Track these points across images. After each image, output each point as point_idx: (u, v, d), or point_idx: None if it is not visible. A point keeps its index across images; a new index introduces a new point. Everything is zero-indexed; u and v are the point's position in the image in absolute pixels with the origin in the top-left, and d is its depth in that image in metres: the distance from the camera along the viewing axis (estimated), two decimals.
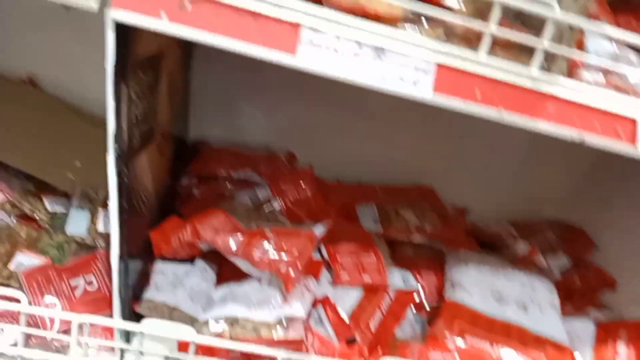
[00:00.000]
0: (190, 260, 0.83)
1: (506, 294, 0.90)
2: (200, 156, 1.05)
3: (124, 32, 0.56)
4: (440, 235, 1.06)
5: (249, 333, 0.69)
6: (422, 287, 0.96)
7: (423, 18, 0.62)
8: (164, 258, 0.81)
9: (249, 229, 0.81)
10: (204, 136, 1.16)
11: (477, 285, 0.90)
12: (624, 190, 1.24)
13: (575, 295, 1.11)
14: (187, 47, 0.99)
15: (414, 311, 0.93)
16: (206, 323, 0.71)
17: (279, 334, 0.69)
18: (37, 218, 0.83)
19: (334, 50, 0.56)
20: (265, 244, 0.75)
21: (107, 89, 0.55)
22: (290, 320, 0.71)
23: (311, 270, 0.84)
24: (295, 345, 0.69)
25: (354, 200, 1.10)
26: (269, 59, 0.56)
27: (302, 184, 0.99)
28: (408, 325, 0.90)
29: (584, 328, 0.93)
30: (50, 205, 0.86)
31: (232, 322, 0.71)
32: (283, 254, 0.75)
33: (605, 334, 0.90)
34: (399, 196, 1.14)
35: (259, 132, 1.19)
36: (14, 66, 1.07)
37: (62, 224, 0.82)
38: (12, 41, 1.07)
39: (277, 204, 0.96)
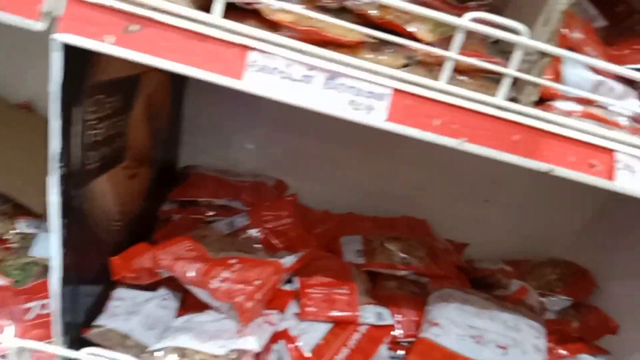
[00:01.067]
0: (155, 287, 0.81)
1: (487, 334, 0.86)
2: (185, 182, 1.04)
3: (79, 54, 0.56)
4: (427, 270, 1.02)
5: None
6: (400, 323, 0.91)
7: (385, 45, 0.61)
8: (127, 284, 0.79)
9: (215, 257, 0.79)
10: (195, 164, 1.16)
11: (455, 324, 0.86)
12: (631, 233, 1.19)
13: (572, 339, 1.06)
14: (175, 74, 0.99)
15: (389, 349, 0.89)
16: (153, 353, 0.68)
17: None
18: (7, 239, 0.83)
19: (283, 74, 0.55)
20: (225, 273, 0.73)
21: (50, 110, 0.55)
22: (242, 353, 0.68)
23: (277, 302, 0.81)
24: None
25: (340, 230, 1.07)
26: (215, 82, 0.55)
27: (283, 213, 0.97)
28: None
29: None
30: (25, 227, 0.86)
31: (181, 353, 0.68)
32: (242, 284, 0.72)
33: None
34: (388, 228, 1.11)
35: (251, 162, 1.19)
36: (13, 92, 1.10)
37: (28, 246, 0.82)
38: (12, 68, 1.10)
39: (255, 233, 0.94)
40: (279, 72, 0.55)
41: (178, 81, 1.02)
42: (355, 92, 0.56)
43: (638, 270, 1.14)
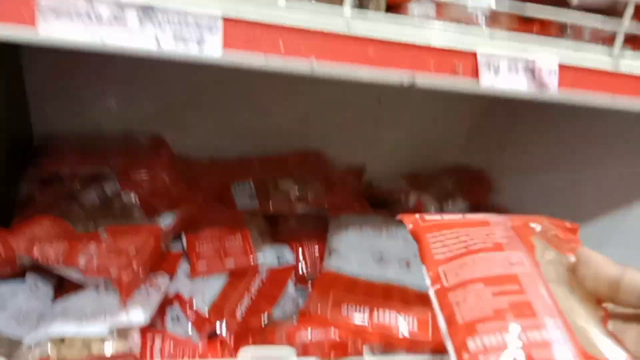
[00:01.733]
0: (23, 276, 0.73)
1: (387, 253, 0.85)
2: (42, 157, 0.93)
3: None
4: (324, 203, 1.00)
5: (78, 352, 0.61)
6: (304, 259, 0.89)
7: None
8: None
9: (85, 232, 0.72)
10: (52, 134, 1.03)
11: (355, 249, 0.85)
12: (517, 128, 1.22)
13: None
14: None
15: (297, 286, 0.87)
16: (29, 348, 0.62)
17: (111, 347, 0.61)
18: None
19: (87, 16, 0.47)
20: (92, 247, 0.66)
21: None
22: (126, 329, 0.63)
23: (164, 265, 0.75)
24: (129, 356, 0.61)
25: (229, 178, 1.01)
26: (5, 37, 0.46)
27: (158, 171, 0.89)
28: (290, 303, 0.83)
29: None
30: None
31: (59, 341, 0.62)
32: (115, 255, 0.66)
33: None
34: (279, 167, 1.07)
35: (116, 121, 1.08)
36: None
37: None
38: None
39: (130, 198, 0.86)
40: (82, 14, 0.47)
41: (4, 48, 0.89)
42: (178, 26, 0.49)
43: (527, 164, 1.18)
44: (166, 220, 0.75)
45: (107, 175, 0.88)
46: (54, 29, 0.46)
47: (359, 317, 0.72)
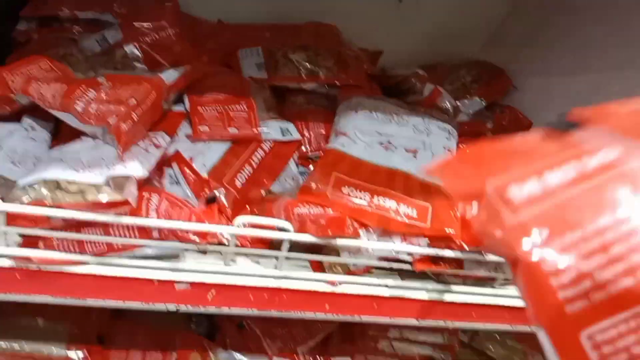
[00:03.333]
0: (18, 118, 0.70)
1: (396, 140, 0.82)
2: None
3: None
4: (336, 80, 0.95)
5: (72, 197, 0.59)
6: (308, 137, 0.86)
7: None
8: None
9: (83, 78, 0.67)
10: None
11: (363, 132, 0.81)
12: (545, 28, 1.14)
13: (485, 138, 1.05)
14: None
15: (299, 165, 0.85)
16: (24, 189, 0.60)
17: (107, 196, 0.59)
18: None
19: None
20: (92, 93, 0.62)
21: None
22: (123, 180, 0.61)
23: (165, 124, 0.72)
24: (123, 207, 0.59)
25: (237, 43, 0.95)
26: None
27: (163, 24, 0.83)
28: (291, 180, 0.81)
29: None
30: None
31: (55, 186, 0.60)
32: (115, 104, 0.62)
33: None
34: (291, 37, 0.99)
35: None
36: None
37: None
38: None
39: (132, 49, 0.81)
40: None
41: None
42: None
43: (551, 64, 1.12)
44: (169, 76, 0.70)
45: (109, 22, 0.82)
46: None
47: (360, 199, 0.70)
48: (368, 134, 0.81)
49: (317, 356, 0.97)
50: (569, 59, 1.06)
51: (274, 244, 0.66)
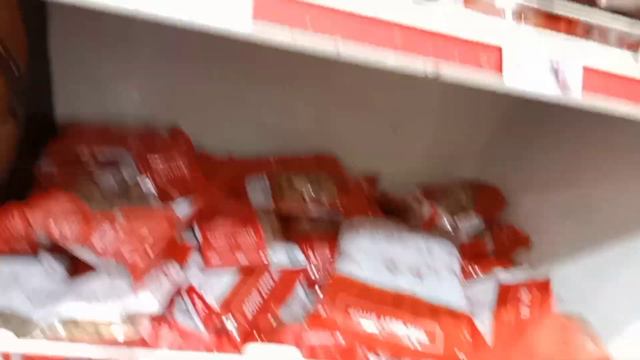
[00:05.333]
0: (35, 255, 0.72)
1: (400, 261, 0.84)
2: (63, 135, 0.93)
3: None
4: (338, 205, 0.99)
5: (88, 335, 0.60)
6: (315, 262, 0.88)
7: None
8: (3, 255, 0.70)
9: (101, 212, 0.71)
10: (74, 114, 1.03)
11: (368, 254, 0.83)
12: (531, 144, 1.21)
13: (486, 256, 1.07)
14: (30, 10, 0.86)
15: (306, 289, 0.86)
16: (41, 327, 0.61)
17: (121, 332, 0.60)
18: None
19: None
20: (109, 228, 0.66)
21: None
22: (137, 315, 0.62)
23: (176, 254, 0.74)
24: (139, 342, 0.60)
25: (244, 174, 1.01)
26: None
27: (177, 160, 0.89)
28: (299, 306, 0.82)
29: (486, 290, 0.88)
30: None
31: (70, 323, 0.61)
32: (129, 238, 0.65)
33: (506, 296, 0.85)
34: (295, 166, 1.06)
35: (138, 106, 1.08)
36: None
37: None
38: None
39: (147, 184, 0.86)
40: None
41: (35, 19, 0.89)
42: None
43: (543, 180, 1.16)
44: (181, 208, 0.74)
45: (125, 160, 0.88)
46: None
47: (369, 324, 0.71)
48: (373, 257, 0.83)
49: None
50: (559, 172, 1.11)
51: None
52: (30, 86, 0.86)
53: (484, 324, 0.80)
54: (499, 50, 0.56)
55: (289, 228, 0.97)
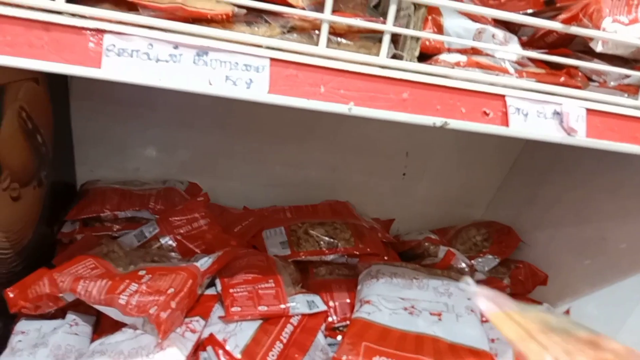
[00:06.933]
0: (62, 315, 0.74)
1: (419, 304, 0.85)
2: (84, 199, 0.97)
3: None
4: (354, 250, 1.01)
5: None
6: (334, 308, 0.89)
7: (258, 16, 0.57)
8: (29, 316, 0.72)
9: (125, 272, 0.73)
10: (93, 179, 1.08)
11: (386, 299, 0.84)
12: (543, 183, 1.22)
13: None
14: (54, 82, 0.92)
15: (327, 336, 0.86)
16: None
17: None
18: None
19: (147, 56, 0.50)
20: (134, 286, 0.68)
21: None
22: None
23: (199, 308, 0.76)
24: None
25: (261, 225, 1.03)
26: (71, 74, 0.49)
27: (196, 216, 0.92)
28: (320, 352, 0.82)
29: None
30: None
31: None
32: (154, 295, 0.67)
33: None
34: (310, 215, 1.08)
35: (156, 168, 1.12)
36: None
37: None
38: None
39: (168, 241, 0.88)
40: (142, 54, 0.50)
41: (58, 90, 0.94)
42: (229, 66, 0.52)
43: (556, 218, 1.17)
44: (203, 263, 0.76)
45: (146, 218, 0.91)
46: (116, 68, 0.49)
47: None
48: (391, 300, 0.84)
49: None
50: (572, 210, 1.12)
51: None
52: (54, 155, 0.91)
53: None
54: (503, 100, 0.59)
55: (306, 274, 0.98)
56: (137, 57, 0.50)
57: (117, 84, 0.51)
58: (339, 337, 0.87)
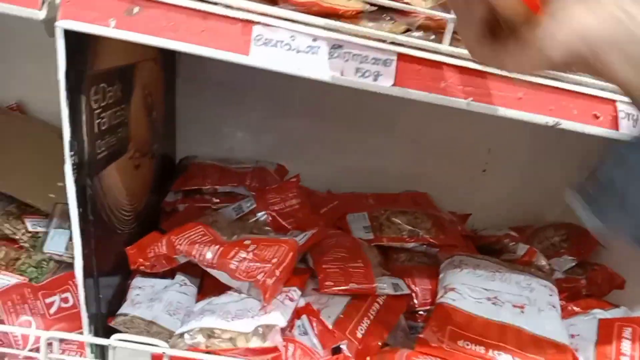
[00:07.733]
0: (171, 275, 0.82)
1: (502, 296, 0.87)
2: (186, 173, 1.04)
3: (81, 42, 0.56)
4: (435, 240, 1.04)
5: (225, 344, 0.67)
6: (415, 293, 0.93)
7: (384, 14, 0.62)
8: (143, 273, 0.80)
9: (229, 240, 0.80)
10: (192, 155, 1.16)
11: (470, 288, 0.87)
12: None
13: (582, 296, 1.07)
14: (167, 63, 0.99)
15: (407, 319, 0.90)
16: (182, 336, 0.69)
17: (255, 343, 0.67)
18: (18, 238, 0.83)
19: (289, 47, 0.55)
20: (243, 253, 0.74)
21: (60, 98, 0.55)
22: (269, 329, 0.69)
23: (295, 279, 0.81)
24: (272, 353, 0.67)
25: (344, 210, 1.08)
26: (222, 59, 0.55)
27: (289, 195, 0.98)
28: (401, 333, 0.87)
29: (587, 326, 0.88)
30: (32, 225, 0.86)
31: (208, 333, 0.69)
32: (261, 263, 0.73)
33: (609, 331, 0.86)
34: (392, 203, 1.12)
35: (248, 149, 1.19)
36: (2, 94, 1.09)
37: (42, 244, 0.82)
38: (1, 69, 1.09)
39: (262, 216, 0.95)
40: (285, 45, 0.55)
41: (169, 71, 1.02)
42: (360, 59, 0.57)
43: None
44: (300, 238, 0.82)
45: (242, 194, 0.98)
46: (262, 56, 0.55)
47: (476, 352, 0.74)
48: (475, 290, 0.87)
49: None
50: None
51: None
52: (163, 131, 0.98)
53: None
54: (613, 105, 0.61)
55: (386, 259, 1.03)
56: (280, 47, 0.55)
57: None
58: (419, 320, 0.91)
